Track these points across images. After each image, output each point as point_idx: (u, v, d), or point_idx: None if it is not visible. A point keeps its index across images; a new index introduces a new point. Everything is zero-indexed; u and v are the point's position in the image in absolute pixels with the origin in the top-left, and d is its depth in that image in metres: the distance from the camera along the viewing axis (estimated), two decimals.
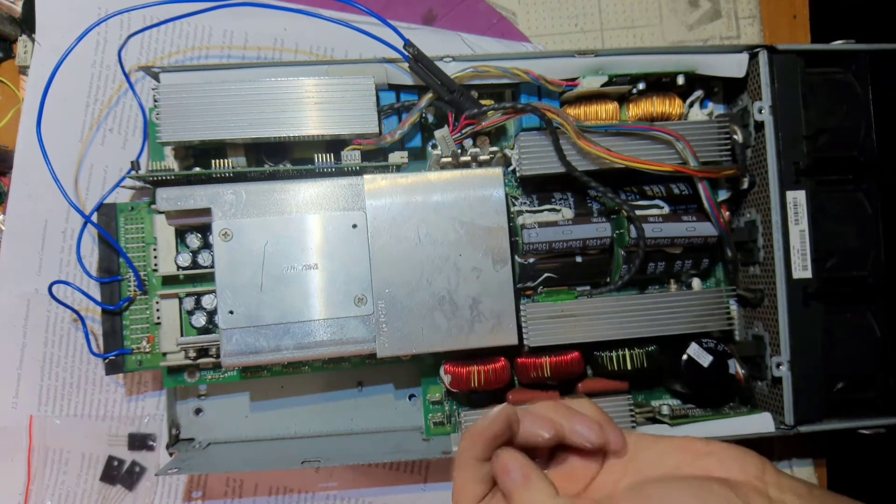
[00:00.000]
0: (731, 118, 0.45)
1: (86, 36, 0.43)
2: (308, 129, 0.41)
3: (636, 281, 0.46)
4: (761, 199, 0.44)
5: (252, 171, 0.41)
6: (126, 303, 0.43)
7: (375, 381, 0.48)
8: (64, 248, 0.48)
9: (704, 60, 0.44)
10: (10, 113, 0.49)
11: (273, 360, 0.40)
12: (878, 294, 0.43)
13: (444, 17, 0.52)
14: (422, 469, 0.49)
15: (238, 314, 0.39)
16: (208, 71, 0.42)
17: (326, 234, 0.40)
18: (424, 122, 0.45)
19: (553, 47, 0.53)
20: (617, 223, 0.44)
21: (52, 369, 0.48)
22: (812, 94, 0.43)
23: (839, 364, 0.42)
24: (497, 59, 0.43)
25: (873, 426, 0.43)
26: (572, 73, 0.44)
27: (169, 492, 0.48)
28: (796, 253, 0.42)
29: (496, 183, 0.41)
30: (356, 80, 0.41)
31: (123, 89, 0.49)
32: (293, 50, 0.50)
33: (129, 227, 0.43)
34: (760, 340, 0.44)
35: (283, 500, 0.49)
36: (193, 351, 0.42)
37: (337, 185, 0.41)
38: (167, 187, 0.40)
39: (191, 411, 0.47)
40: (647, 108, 0.45)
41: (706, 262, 0.45)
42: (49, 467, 0.47)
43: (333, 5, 0.46)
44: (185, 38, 0.50)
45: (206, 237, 0.43)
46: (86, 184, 0.48)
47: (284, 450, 0.45)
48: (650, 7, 0.54)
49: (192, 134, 0.40)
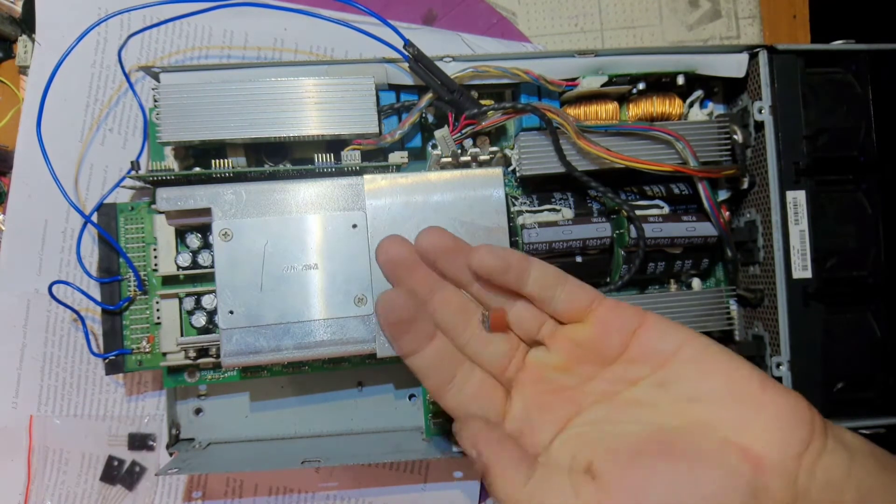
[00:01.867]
0: (731, 118, 0.45)
1: (86, 36, 0.43)
2: (308, 129, 0.41)
3: (636, 281, 0.46)
4: (761, 199, 0.44)
5: (252, 171, 0.41)
6: (126, 303, 0.43)
7: (375, 381, 0.48)
8: (64, 248, 0.48)
9: (704, 60, 0.44)
10: (10, 113, 0.49)
11: (273, 360, 0.40)
12: (878, 294, 0.43)
13: (444, 17, 0.52)
14: (422, 469, 0.49)
15: (238, 314, 0.39)
16: (208, 71, 0.42)
17: (326, 234, 0.40)
18: (424, 122, 0.45)
19: (553, 47, 0.53)
20: (617, 223, 0.44)
21: (52, 369, 0.48)
22: (812, 94, 0.43)
23: (839, 364, 0.42)
24: (497, 59, 0.43)
25: (873, 426, 0.43)
26: (572, 73, 0.44)
27: (169, 492, 0.48)
28: (796, 253, 0.42)
29: (496, 183, 0.41)
30: (356, 80, 0.41)
31: (123, 89, 0.49)
32: (293, 50, 0.50)
33: (129, 227, 0.43)
34: (760, 340, 0.44)
35: (283, 500, 0.49)
36: (193, 351, 0.42)
37: (337, 185, 0.41)
38: (167, 187, 0.40)
39: (191, 411, 0.47)
40: (647, 108, 0.45)
41: (706, 262, 0.45)
42: (49, 467, 0.47)
43: (333, 5, 0.46)
44: (185, 38, 0.50)
45: (206, 237, 0.43)
46: (86, 184, 0.48)
47: (284, 450, 0.45)
48: (650, 7, 0.54)
49: (192, 134, 0.40)
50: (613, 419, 0.29)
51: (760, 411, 0.26)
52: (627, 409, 0.29)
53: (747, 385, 0.27)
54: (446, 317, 0.32)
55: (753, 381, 0.27)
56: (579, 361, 0.31)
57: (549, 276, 0.31)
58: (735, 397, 0.27)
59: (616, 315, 0.30)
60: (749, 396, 0.27)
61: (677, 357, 0.29)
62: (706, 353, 0.28)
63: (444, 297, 0.32)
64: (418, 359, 0.32)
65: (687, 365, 0.28)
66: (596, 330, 0.30)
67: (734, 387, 0.27)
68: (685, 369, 0.28)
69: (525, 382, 0.32)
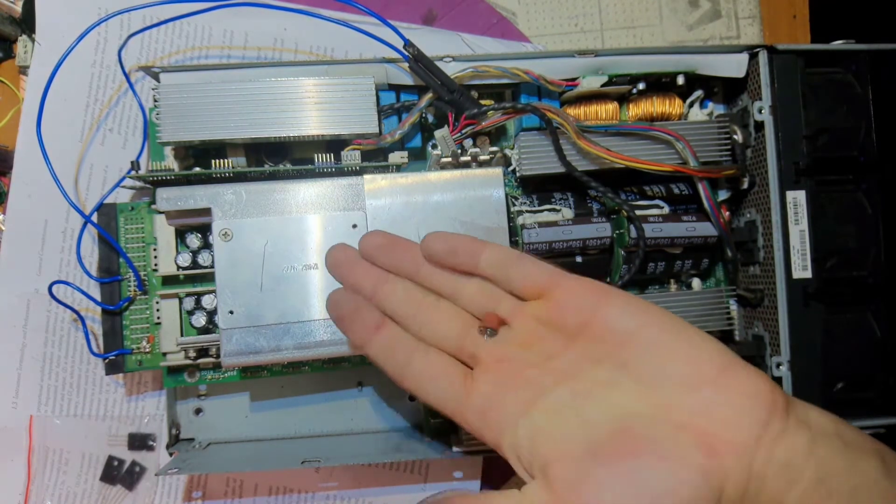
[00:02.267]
0: (731, 118, 0.45)
1: (86, 36, 0.43)
2: (308, 129, 0.41)
3: (636, 281, 0.46)
4: (761, 199, 0.44)
5: (252, 171, 0.41)
6: (126, 303, 0.43)
7: (375, 382, 0.48)
8: (64, 248, 0.48)
9: (704, 60, 0.44)
10: (10, 113, 0.49)
11: (273, 360, 0.40)
12: (877, 294, 0.43)
13: (444, 17, 0.52)
14: (422, 469, 0.49)
15: (238, 314, 0.39)
16: (208, 71, 0.42)
17: (326, 234, 0.40)
18: (424, 122, 0.45)
19: (553, 47, 0.53)
20: (617, 223, 0.44)
21: (52, 369, 0.48)
22: (812, 94, 0.43)
23: (839, 364, 0.42)
24: (497, 59, 0.43)
25: (873, 426, 0.43)
26: (572, 73, 0.44)
27: (169, 492, 0.48)
28: (796, 253, 0.42)
29: (496, 183, 0.41)
30: (356, 80, 0.41)
31: (123, 89, 0.49)
32: (293, 50, 0.50)
33: (129, 227, 0.43)
34: (760, 340, 0.44)
35: (283, 500, 0.49)
36: (193, 351, 0.42)
37: (337, 185, 0.41)
38: (167, 187, 0.40)
39: (191, 411, 0.47)
40: (647, 108, 0.45)
41: (706, 262, 0.45)
42: (49, 467, 0.47)
43: (333, 5, 0.46)
44: (185, 38, 0.50)
45: (206, 237, 0.43)
46: (86, 184, 0.48)
47: (284, 450, 0.45)
48: (650, 7, 0.54)
49: (192, 134, 0.40)
50: (577, 405, 0.29)
51: (720, 394, 0.26)
52: (591, 390, 0.29)
53: (707, 367, 0.27)
54: (394, 306, 0.34)
55: (713, 363, 0.27)
56: (541, 339, 0.31)
57: (503, 256, 0.32)
58: (695, 380, 0.27)
59: (574, 293, 0.30)
60: (709, 379, 0.27)
61: (638, 337, 0.28)
62: (668, 333, 0.28)
63: (388, 289, 0.34)
64: (370, 348, 0.33)
65: (648, 346, 0.28)
66: (554, 306, 0.31)
67: (695, 369, 0.27)
68: (646, 350, 0.28)
69: (488, 361, 0.32)
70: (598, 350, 0.29)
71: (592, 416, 0.28)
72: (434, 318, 0.33)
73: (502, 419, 0.30)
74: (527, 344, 0.31)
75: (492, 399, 0.31)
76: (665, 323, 0.29)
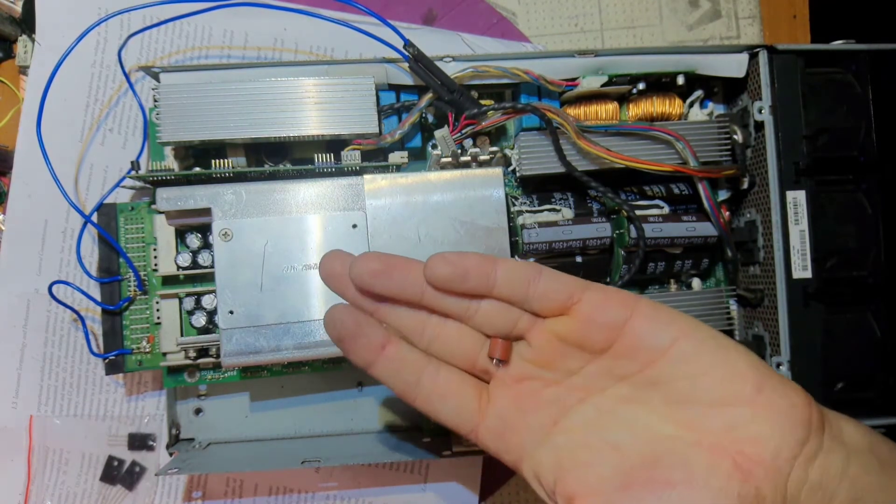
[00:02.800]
0: (731, 118, 0.45)
1: (86, 36, 0.43)
2: (308, 129, 0.41)
3: (636, 281, 0.46)
4: (761, 199, 0.44)
5: (252, 171, 0.41)
6: (126, 303, 0.43)
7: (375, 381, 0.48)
8: (64, 248, 0.48)
9: (704, 60, 0.44)
10: (10, 113, 0.49)
11: (273, 360, 0.40)
12: (877, 294, 0.43)
13: (444, 17, 0.52)
14: (422, 469, 0.49)
15: (238, 314, 0.39)
16: (208, 71, 0.42)
17: (326, 234, 0.40)
18: (424, 122, 0.45)
19: (553, 47, 0.53)
20: (617, 223, 0.44)
21: (52, 369, 0.48)
22: (812, 94, 0.43)
23: (839, 364, 0.42)
24: (497, 59, 0.43)
25: (873, 426, 0.43)
26: (572, 73, 0.44)
27: (169, 492, 0.48)
28: (796, 253, 0.42)
29: (496, 183, 0.41)
30: (356, 80, 0.41)
31: (123, 89, 0.49)
32: (293, 50, 0.50)
33: (129, 227, 0.43)
34: (760, 340, 0.44)
35: (283, 500, 0.49)
36: (193, 351, 0.42)
37: (337, 185, 0.41)
38: (167, 187, 0.40)
39: (191, 411, 0.47)
40: (647, 108, 0.45)
41: (706, 262, 0.45)
42: (49, 467, 0.47)
43: (333, 5, 0.46)
44: (185, 38, 0.50)
45: (206, 237, 0.43)
46: (86, 184, 0.48)
47: (284, 450, 0.45)
48: (650, 7, 0.54)
49: (192, 134, 0.40)
50: (602, 425, 0.27)
51: (756, 413, 0.25)
52: (616, 408, 0.28)
53: (742, 385, 0.26)
54: (399, 320, 0.31)
55: (749, 380, 0.26)
56: (563, 356, 0.29)
57: (519, 274, 0.29)
58: (730, 398, 0.26)
59: (601, 308, 0.28)
60: (745, 398, 0.26)
61: (670, 354, 0.27)
62: (701, 349, 0.27)
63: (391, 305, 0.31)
64: (375, 369, 0.31)
65: (680, 364, 0.27)
66: (579, 324, 0.28)
67: (730, 387, 0.26)
68: (678, 367, 0.27)
69: (504, 379, 0.30)
70: (624, 367, 0.28)
71: (620, 440, 0.27)
72: (444, 332, 0.31)
73: (522, 443, 0.29)
74: (546, 363, 0.29)
75: (509, 421, 0.29)
76: (696, 337, 0.27)
